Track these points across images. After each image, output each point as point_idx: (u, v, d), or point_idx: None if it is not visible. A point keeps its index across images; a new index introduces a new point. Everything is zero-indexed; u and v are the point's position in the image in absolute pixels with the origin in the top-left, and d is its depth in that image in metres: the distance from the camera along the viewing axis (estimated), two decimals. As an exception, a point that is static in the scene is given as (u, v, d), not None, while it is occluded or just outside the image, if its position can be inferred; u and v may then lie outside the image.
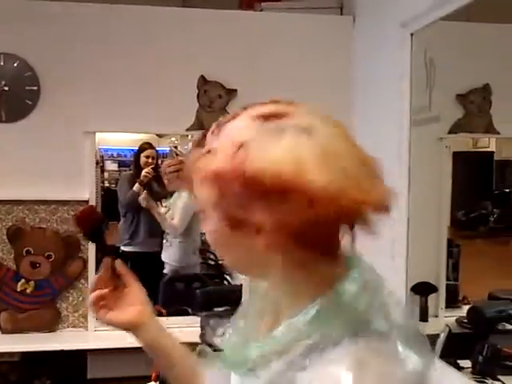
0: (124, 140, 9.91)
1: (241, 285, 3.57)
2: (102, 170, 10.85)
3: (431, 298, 3.01)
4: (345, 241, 0.81)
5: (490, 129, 3.05)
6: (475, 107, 3.03)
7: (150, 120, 3.45)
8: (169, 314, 3.87)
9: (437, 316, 3.04)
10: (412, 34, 2.78)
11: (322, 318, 0.76)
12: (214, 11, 3.52)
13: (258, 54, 3.51)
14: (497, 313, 2.78)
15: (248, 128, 0.77)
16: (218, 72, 3.46)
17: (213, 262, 5.23)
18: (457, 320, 2.92)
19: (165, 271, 4.60)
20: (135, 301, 1.13)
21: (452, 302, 3.12)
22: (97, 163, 5.71)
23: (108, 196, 8.15)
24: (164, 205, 4.61)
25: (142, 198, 4.48)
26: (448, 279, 3.15)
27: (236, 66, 3.46)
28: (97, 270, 3.47)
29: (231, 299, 3.03)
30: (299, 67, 3.49)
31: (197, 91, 3.45)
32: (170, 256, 4.57)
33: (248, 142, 0.75)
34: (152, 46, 3.43)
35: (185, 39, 3.46)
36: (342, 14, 3.67)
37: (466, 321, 2.83)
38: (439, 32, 2.68)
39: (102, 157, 11.06)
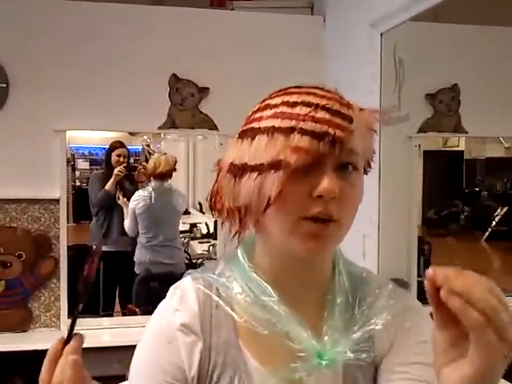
0: (95, 138, 9.82)
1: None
2: (73, 169, 10.74)
3: (403, 294, 3.04)
4: None
5: (458, 128, 3.10)
6: (444, 107, 3.07)
7: (122, 118, 3.43)
8: (143, 313, 3.87)
9: (409, 312, 3.07)
10: (381, 34, 2.81)
11: None
12: (186, 9, 3.51)
13: (230, 53, 3.51)
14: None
15: None
16: (189, 70, 3.45)
17: (187, 261, 5.22)
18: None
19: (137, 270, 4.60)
20: None
21: (424, 298, 3.14)
22: (68, 162, 5.66)
23: (79, 195, 8.09)
24: None
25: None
26: (420, 276, 3.19)
27: (208, 64, 3.46)
28: (69, 269, 3.44)
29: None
30: (270, 66, 3.50)
31: (168, 89, 3.44)
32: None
33: None
34: (123, 43, 3.40)
35: (156, 37, 3.44)
36: (312, 14, 3.69)
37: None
38: (408, 32, 2.72)
39: (72, 155, 10.95)
